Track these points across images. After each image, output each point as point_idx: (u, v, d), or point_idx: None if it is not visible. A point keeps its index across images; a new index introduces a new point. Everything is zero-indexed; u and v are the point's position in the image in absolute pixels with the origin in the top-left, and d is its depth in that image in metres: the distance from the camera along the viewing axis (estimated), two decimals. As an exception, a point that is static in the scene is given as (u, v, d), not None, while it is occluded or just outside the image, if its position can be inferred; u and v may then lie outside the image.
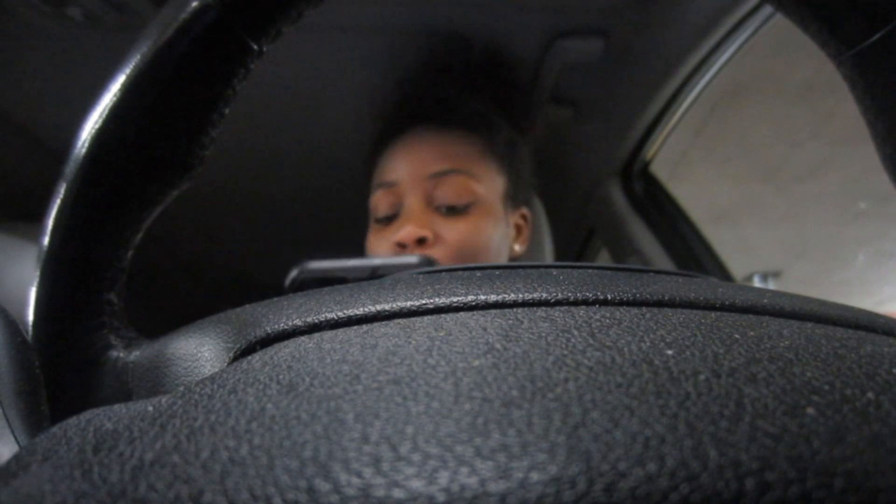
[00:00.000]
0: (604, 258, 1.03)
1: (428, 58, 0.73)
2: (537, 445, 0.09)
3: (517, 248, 0.71)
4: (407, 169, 0.64)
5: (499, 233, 0.65)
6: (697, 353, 0.13)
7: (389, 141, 0.68)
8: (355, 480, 0.09)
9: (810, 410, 0.10)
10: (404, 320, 0.16)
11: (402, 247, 0.61)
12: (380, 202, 0.65)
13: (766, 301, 0.18)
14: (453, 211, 0.62)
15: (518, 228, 0.71)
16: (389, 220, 0.65)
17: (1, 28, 0.66)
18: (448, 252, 0.61)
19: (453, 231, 0.61)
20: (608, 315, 0.16)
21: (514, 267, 0.23)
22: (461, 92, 0.70)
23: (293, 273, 0.37)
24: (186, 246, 1.13)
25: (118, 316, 0.22)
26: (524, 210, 0.72)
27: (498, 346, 0.13)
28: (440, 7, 0.66)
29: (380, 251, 0.64)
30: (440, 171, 0.63)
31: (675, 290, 0.19)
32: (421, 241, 0.61)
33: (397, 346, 0.14)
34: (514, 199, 0.69)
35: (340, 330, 0.16)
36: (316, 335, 0.16)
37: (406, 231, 0.60)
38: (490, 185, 0.65)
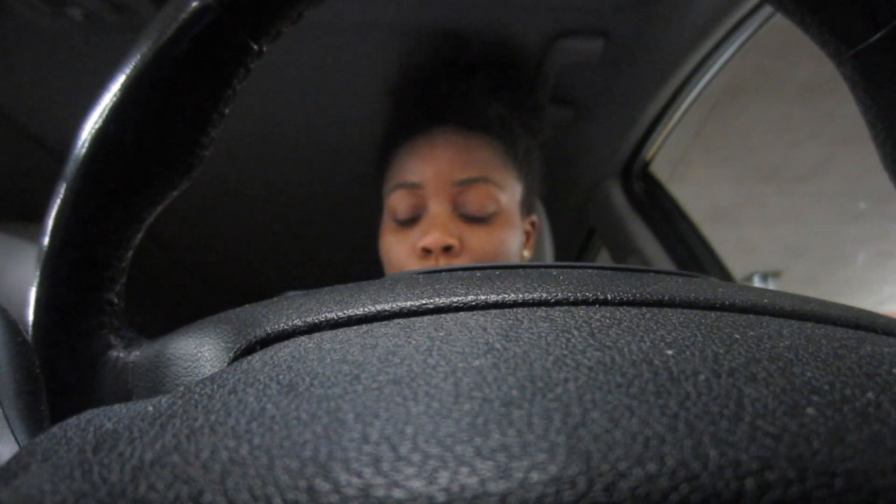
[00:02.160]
0: (604, 258, 1.03)
1: (448, 58, 0.73)
2: (537, 445, 0.09)
3: (525, 253, 0.72)
4: (432, 172, 0.63)
5: (517, 241, 0.66)
6: (697, 353, 0.13)
7: (409, 139, 0.67)
8: (355, 480, 0.09)
9: (810, 410, 0.10)
10: (404, 320, 0.16)
11: (426, 252, 0.61)
12: (399, 202, 0.64)
13: (766, 301, 0.18)
14: (477, 219, 0.62)
15: (527, 235, 0.71)
16: (410, 221, 0.64)
17: (1, 28, 0.66)
18: (471, 261, 0.61)
19: (477, 240, 0.62)
20: (608, 315, 0.16)
21: (514, 267, 0.23)
22: (484, 95, 0.69)
23: None
24: (186, 246, 1.13)
25: (118, 316, 0.22)
26: (533, 217, 0.73)
27: (498, 346, 0.13)
28: (440, 6, 0.66)
29: (401, 253, 0.63)
30: (467, 178, 0.62)
31: (675, 290, 0.19)
32: (447, 249, 0.61)
33: (397, 346, 0.14)
34: (527, 207, 0.70)
35: (340, 330, 0.16)
36: (316, 335, 0.16)
37: (434, 238, 0.60)
38: (510, 193, 0.66)
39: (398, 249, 0.64)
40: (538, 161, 0.73)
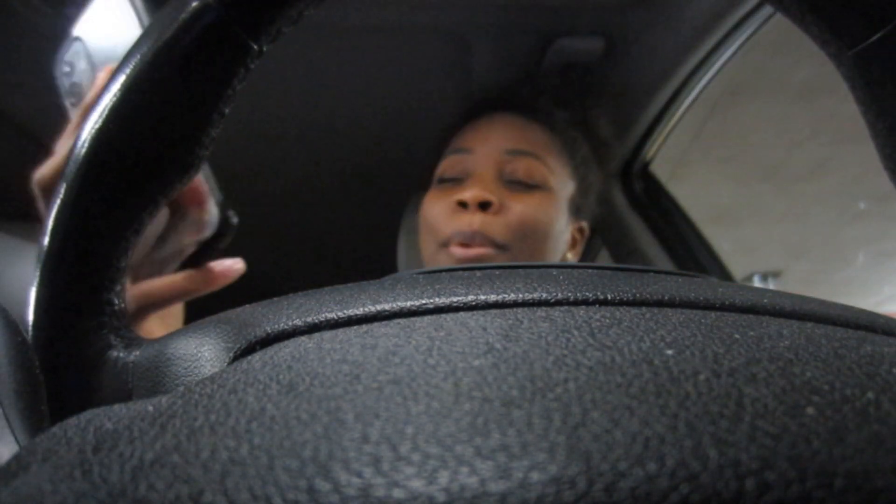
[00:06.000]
0: (604, 258, 1.03)
1: (535, 65, 0.75)
2: (537, 445, 0.09)
3: (570, 256, 0.70)
4: (485, 139, 0.65)
5: (560, 223, 0.65)
6: (697, 353, 0.13)
7: (473, 118, 0.69)
8: (355, 480, 0.09)
9: (810, 410, 0.10)
10: (404, 320, 0.16)
11: (462, 206, 0.61)
12: (448, 167, 0.65)
13: (766, 301, 0.18)
14: (520, 187, 0.62)
15: (574, 239, 0.71)
16: (454, 182, 0.64)
17: (1, 28, 0.66)
18: (509, 224, 0.60)
19: (519, 203, 0.61)
20: (608, 315, 0.16)
21: (514, 267, 0.23)
22: (556, 98, 0.72)
23: None
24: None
25: (118, 316, 0.22)
26: (583, 224, 0.72)
27: (498, 346, 0.13)
28: (440, 6, 0.66)
29: (436, 209, 0.64)
30: (517, 149, 0.63)
31: (675, 290, 0.19)
32: (484, 206, 0.60)
33: (397, 346, 0.14)
34: (578, 208, 0.69)
35: (340, 330, 0.16)
36: (316, 335, 0.16)
37: (472, 192, 0.59)
38: (560, 180, 0.66)
39: (436, 206, 0.64)
40: (597, 178, 0.73)
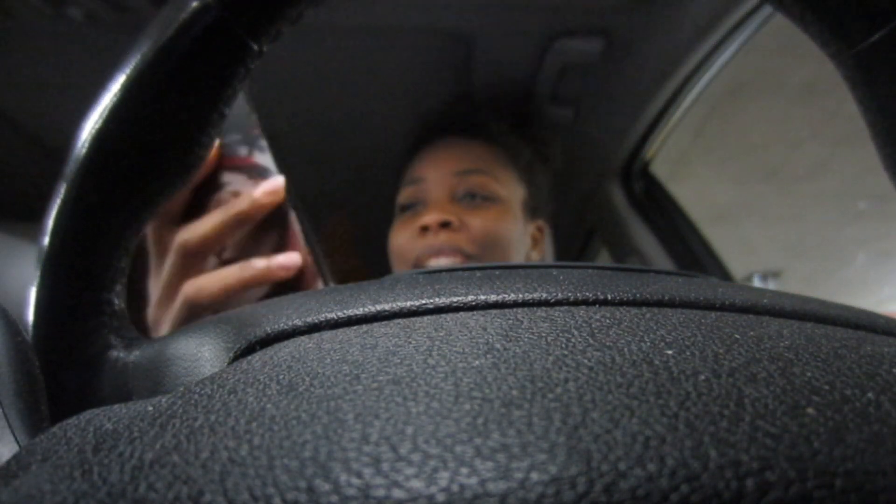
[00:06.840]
0: (604, 258, 1.03)
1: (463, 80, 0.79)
2: (537, 445, 0.09)
3: (534, 255, 0.74)
4: (434, 166, 0.70)
5: (518, 231, 0.69)
6: (697, 353, 0.13)
7: (421, 147, 0.74)
8: (355, 480, 0.09)
9: (810, 410, 0.10)
10: (404, 320, 0.16)
11: (424, 230, 0.65)
12: (407, 196, 0.70)
13: (766, 301, 0.18)
14: (475, 202, 0.67)
15: (534, 239, 0.75)
16: (414, 211, 0.69)
17: (1, 28, 0.66)
18: (471, 238, 0.65)
19: (477, 219, 0.66)
20: (608, 315, 0.16)
21: (514, 267, 0.23)
22: (492, 113, 0.77)
23: None
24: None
25: (118, 316, 0.22)
26: (540, 222, 0.76)
27: (498, 346, 0.13)
28: (440, 6, 0.66)
29: (403, 237, 0.68)
30: (465, 169, 0.68)
31: (675, 290, 0.19)
32: (445, 226, 0.64)
33: (397, 346, 0.14)
34: (532, 210, 0.73)
35: (340, 330, 0.16)
36: (316, 335, 0.16)
37: (432, 216, 0.64)
38: (510, 189, 0.70)
39: (401, 235, 0.68)
40: (545, 177, 0.78)
